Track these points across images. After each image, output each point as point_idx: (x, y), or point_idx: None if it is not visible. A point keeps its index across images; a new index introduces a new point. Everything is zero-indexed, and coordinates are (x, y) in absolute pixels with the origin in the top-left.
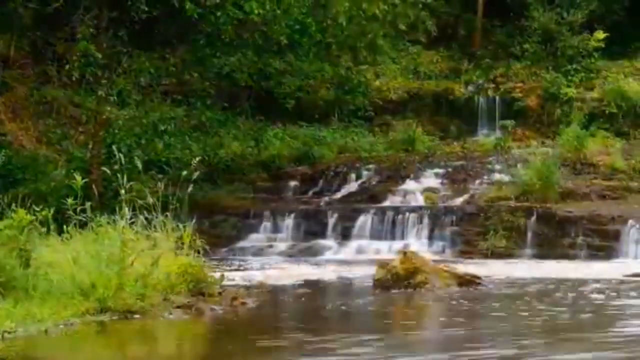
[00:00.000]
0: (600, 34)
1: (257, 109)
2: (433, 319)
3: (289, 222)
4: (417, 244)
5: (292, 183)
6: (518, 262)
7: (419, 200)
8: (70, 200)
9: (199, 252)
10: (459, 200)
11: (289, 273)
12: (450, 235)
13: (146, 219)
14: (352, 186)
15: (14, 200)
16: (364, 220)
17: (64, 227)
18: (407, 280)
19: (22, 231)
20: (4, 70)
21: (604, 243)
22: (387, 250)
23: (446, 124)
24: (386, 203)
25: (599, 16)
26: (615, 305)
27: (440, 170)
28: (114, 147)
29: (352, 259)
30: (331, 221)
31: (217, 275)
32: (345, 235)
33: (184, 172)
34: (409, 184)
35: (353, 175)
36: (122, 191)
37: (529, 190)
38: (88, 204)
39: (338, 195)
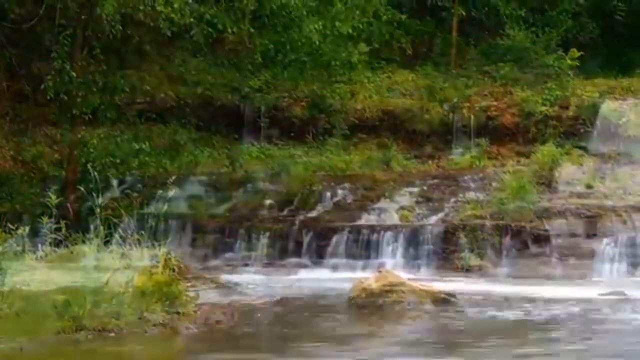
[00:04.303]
0: (575, 53)
1: (231, 127)
2: (390, 339)
3: (263, 240)
4: (393, 262)
5: (267, 201)
6: (493, 280)
7: (394, 218)
8: (45, 219)
9: (174, 271)
10: (434, 219)
11: (263, 292)
12: (425, 254)
13: (121, 237)
14: (327, 205)
15: None
16: (339, 239)
17: (39, 245)
18: (382, 298)
19: None
20: None
21: (579, 261)
22: (362, 268)
23: (421, 142)
24: (361, 221)
25: (573, 35)
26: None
27: (416, 189)
28: (88, 165)
29: (327, 278)
30: (306, 240)
31: (192, 293)
32: (320, 253)
33: (159, 191)
34: (384, 203)
35: (328, 194)
36: (97, 209)
37: (503, 208)
38: (63, 223)
39: (313, 213)
